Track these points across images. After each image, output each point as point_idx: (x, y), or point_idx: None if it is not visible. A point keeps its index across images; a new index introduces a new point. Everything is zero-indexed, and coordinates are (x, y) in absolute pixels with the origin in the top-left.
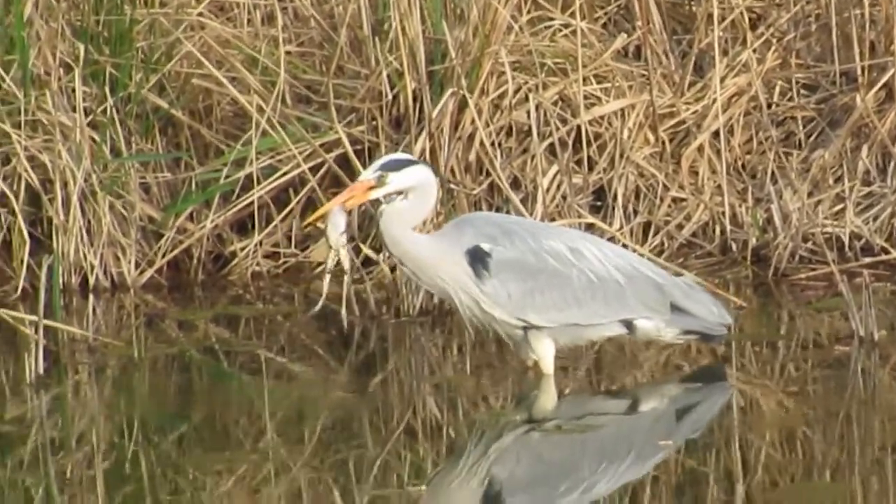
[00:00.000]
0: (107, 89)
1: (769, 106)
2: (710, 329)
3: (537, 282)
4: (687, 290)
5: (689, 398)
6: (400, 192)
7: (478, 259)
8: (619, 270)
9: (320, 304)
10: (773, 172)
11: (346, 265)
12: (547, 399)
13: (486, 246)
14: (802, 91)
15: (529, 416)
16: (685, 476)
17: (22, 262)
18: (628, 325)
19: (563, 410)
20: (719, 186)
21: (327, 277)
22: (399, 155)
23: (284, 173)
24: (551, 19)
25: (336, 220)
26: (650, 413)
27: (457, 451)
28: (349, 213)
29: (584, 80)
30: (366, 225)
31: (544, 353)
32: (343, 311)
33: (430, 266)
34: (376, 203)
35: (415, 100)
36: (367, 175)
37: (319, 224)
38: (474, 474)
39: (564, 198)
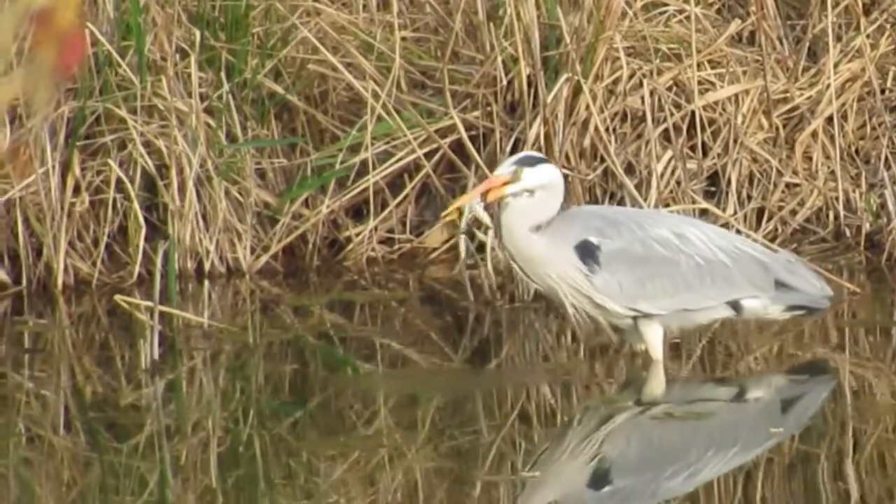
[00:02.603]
0: (222, 75)
1: (883, 91)
2: (813, 302)
3: (647, 270)
4: (788, 265)
5: (794, 389)
6: (531, 190)
7: (587, 253)
8: (723, 252)
9: (463, 266)
10: (886, 158)
11: (487, 220)
12: (657, 385)
13: (594, 239)
14: None
15: (640, 402)
16: (795, 462)
17: (138, 247)
18: (735, 305)
19: (673, 396)
20: (833, 172)
21: (463, 238)
22: (532, 152)
23: (399, 159)
24: (665, 5)
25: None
26: (757, 401)
27: (568, 437)
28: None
29: (699, 65)
30: (471, 218)
31: (654, 339)
32: (486, 271)
33: (541, 264)
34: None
35: (529, 85)
36: (503, 170)
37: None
38: (585, 460)
39: (678, 183)
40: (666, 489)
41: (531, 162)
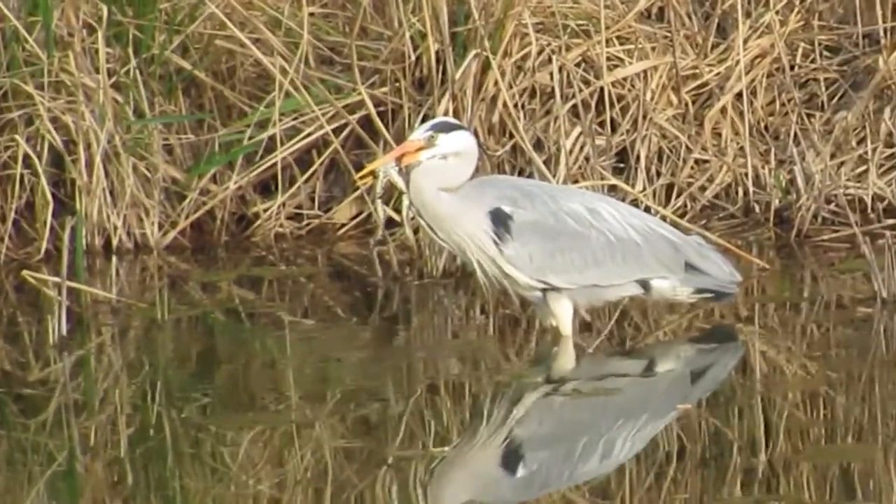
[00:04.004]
0: (130, 50)
1: (792, 68)
2: (722, 287)
3: (557, 243)
4: (699, 249)
5: (703, 360)
6: (445, 156)
7: (500, 222)
8: (635, 230)
9: (381, 230)
10: (795, 134)
11: (402, 185)
12: (566, 360)
13: (507, 208)
14: (825, 53)
15: (549, 378)
16: (706, 438)
17: (45, 223)
18: (644, 284)
19: (582, 372)
20: (742, 148)
21: (380, 202)
22: (448, 118)
23: (308, 135)
24: None
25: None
26: (666, 375)
27: (478, 413)
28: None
29: (607, 41)
30: (386, 183)
31: (563, 314)
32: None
33: (449, 222)
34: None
35: (438, 61)
36: (418, 135)
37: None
38: (494, 436)
39: (587, 159)
40: (580, 472)
41: (447, 128)
